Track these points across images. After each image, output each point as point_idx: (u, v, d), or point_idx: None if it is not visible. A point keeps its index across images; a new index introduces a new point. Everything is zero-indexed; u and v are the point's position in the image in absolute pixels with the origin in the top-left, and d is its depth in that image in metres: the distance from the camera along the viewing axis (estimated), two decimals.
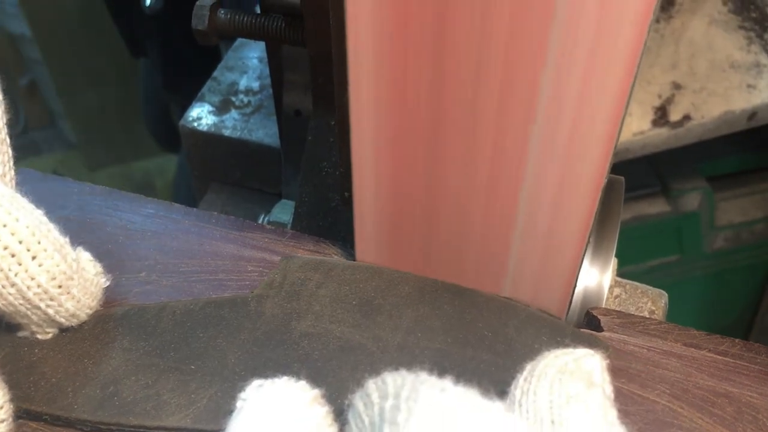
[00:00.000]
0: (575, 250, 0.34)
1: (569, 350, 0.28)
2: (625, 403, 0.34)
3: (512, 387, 0.27)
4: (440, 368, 0.33)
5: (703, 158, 1.09)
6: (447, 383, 0.23)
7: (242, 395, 0.27)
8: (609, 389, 0.27)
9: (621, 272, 0.46)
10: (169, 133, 1.29)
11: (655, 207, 1.05)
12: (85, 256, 0.35)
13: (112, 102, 1.87)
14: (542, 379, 0.26)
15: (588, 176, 0.31)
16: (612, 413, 0.26)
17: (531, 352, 0.33)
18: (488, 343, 0.35)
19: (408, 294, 0.37)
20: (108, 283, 0.36)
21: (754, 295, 1.21)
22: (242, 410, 0.26)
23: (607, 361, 0.29)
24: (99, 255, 0.39)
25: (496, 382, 0.32)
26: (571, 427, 0.24)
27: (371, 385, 0.24)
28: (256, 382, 0.27)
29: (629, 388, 0.34)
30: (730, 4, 0.93)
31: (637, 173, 1.06)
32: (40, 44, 1.82)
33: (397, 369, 0.26)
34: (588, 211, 0.32)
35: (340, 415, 0.27)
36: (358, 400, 0.24)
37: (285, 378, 0.27)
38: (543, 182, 0.32)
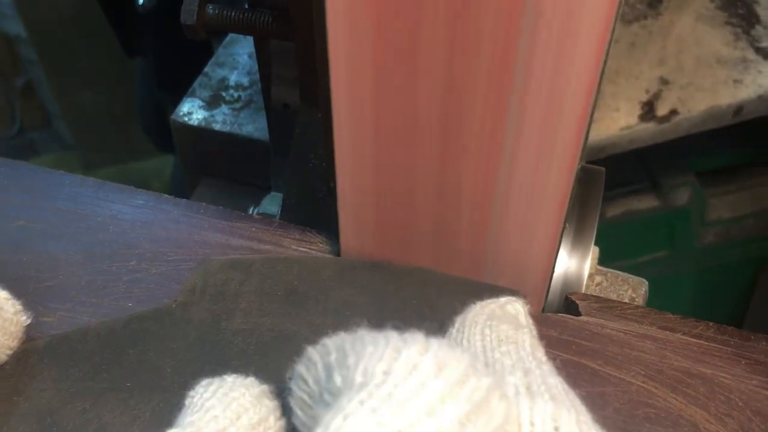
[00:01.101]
0: (551, 236, 0.35)
1: (493, 299, 0.29)
2: (601, 384, 0.35)
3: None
4: None
5: (693, 154, 1.10)
6: (389, 331, 0.23)
7: (191, 393, 0.26)
8: (534, 331, 0.29)
9: (611, 267, 0.47)
10: (165, 133, 1.29)
11: (645, 202, 1.06)
12: (2, 295, 0.33)
13: (109, 103, 1.88)
14: (473, 328, 0.27)
15: (560, 163, 0.32)
16: (540, 351, 0.27)
17: (456, 310, 0.35)
18: (415, 310, 0.36)
19: (329, 277, 0.37)
20: (29, 321, 0.35)
21: (745, 291, 1.22)
22: (190, 407, 0.26)
23: (528, 306, 0.30)
24: (90, 244, 0.40)
25: None
26: (504, 364, 0.25)
27: (311, 350, 0.24)
28: (204, 381, 0.27)
29: (606, 370, 0.35)
30: (717, 1, 0.94)
31: (626, 169, 1.07)
32: (36, 45, 1.83)
33: None
34: (561, 197, 0.33)
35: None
36: (300, 366, 0.25)
37: (233, 375, 0.27)
38: (517, 171, 0.33)
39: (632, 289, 0.45)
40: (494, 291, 0.36)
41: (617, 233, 1.07)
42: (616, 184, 1.06)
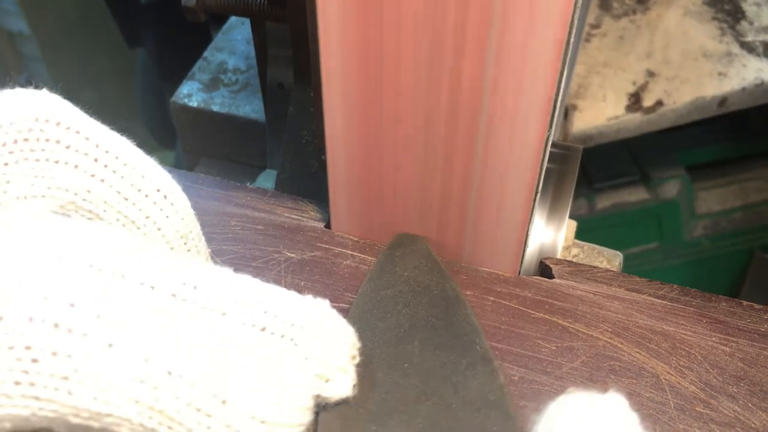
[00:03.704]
0: (524, 206, 0.38)
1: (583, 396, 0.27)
2: (570, 339, 0.37)
3: None
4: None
5: (683, 148, 1.12)
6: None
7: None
8: None
9: None
10: (165, 122, 1.32)
11: (635, 195, 1.08)
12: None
13: (110, 99, 1.90)
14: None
15: (531, 140, 0.35)
16: None
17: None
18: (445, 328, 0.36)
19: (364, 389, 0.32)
20: None
21: (734, 283, 1.24)
22: None
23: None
24: None
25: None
26: None
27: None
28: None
29: (575, 327, 0.38)
30: None
31: (617, 162, 1.09)
32: (38, 42, 1.85)
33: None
34: (532, 171, 0.36)
35: None
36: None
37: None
38: (492, 146, 0.36)
39: (607, 260, 0.48)
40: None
41: (607, 225, 1.09)
42: (607, 177, 1.09)
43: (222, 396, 0.24)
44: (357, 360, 0.30)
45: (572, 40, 0.33)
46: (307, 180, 0.48)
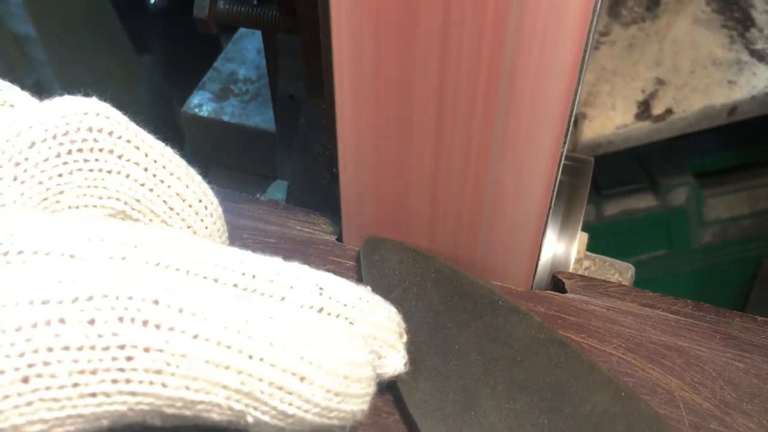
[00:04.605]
0: (538, 218, 0.38)
1: None
2: None
3: None
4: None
5: (691, 154, 1.12)
6: None
7: None
8: None
9: None
10: (172, 129, 1.32)
11: (644, 202, 1.08)
12: None
13: (117, 103, 1.90)
14: None
15: (545, 154, 0.35)
16: None
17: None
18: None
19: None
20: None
21: (742, 290, 1.23)
22: None
23: None
24: None
25: None
26: None
27: None
28: None
29: (588, 343, 0.38)
30: (713, 4, 0.96)
31: (625, 168, 1.09)
32: (45, 45, 1.85)
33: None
34: (546, 184, 0.36)
35: None
36: None
37: None
38: (507, 160, 0.36)
39: (619, 273, 0.48)
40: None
41: (615, 232, 1.09)
42: (615, 184, 1.08)
43: (300, 373, 0.25)
44: (404, 339, 0.32)
45: (587, 57, 0.32)
46: (318, 191, 0.48)
